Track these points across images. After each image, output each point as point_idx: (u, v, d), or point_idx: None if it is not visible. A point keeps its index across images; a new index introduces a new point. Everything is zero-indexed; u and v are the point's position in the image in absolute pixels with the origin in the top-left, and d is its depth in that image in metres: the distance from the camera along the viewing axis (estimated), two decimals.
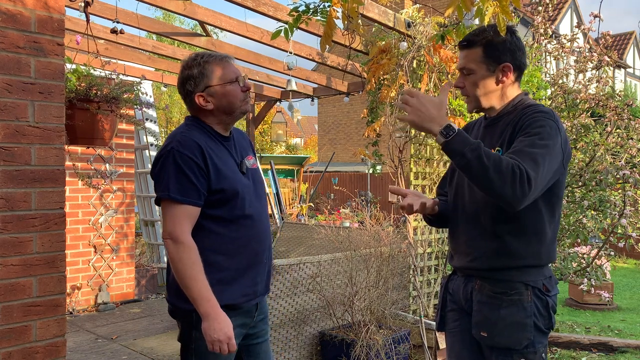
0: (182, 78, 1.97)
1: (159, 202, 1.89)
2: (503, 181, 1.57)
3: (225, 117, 1.98)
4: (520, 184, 1.57)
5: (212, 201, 1.88)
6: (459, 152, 1.63)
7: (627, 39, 24.41)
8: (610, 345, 4.52)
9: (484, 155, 1.60)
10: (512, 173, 1.57)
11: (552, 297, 1.81)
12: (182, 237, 1.82)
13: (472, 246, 1.87)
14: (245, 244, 1.94)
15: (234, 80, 1.96)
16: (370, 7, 3.80)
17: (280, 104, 7.50)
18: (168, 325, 5.00)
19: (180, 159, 1.83)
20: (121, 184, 5.79)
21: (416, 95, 1.70)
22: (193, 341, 1.91)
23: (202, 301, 1.79)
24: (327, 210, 9.90)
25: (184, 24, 18.23)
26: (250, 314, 2.02)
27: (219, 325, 1.79)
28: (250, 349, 2.09)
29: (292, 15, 2.29)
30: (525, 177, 1.57)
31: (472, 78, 1.88)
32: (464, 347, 1.94)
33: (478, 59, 1.85)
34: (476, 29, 1.90)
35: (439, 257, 4.42)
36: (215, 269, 1.88)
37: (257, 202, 2.01)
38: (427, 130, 1.70)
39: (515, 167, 1.58)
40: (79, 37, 3.70)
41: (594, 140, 4.27)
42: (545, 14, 4.52)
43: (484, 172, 1.59)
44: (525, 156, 1.62)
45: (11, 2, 1.86)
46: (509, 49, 1.85)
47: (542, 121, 1.72)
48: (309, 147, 35.20)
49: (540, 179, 1.62)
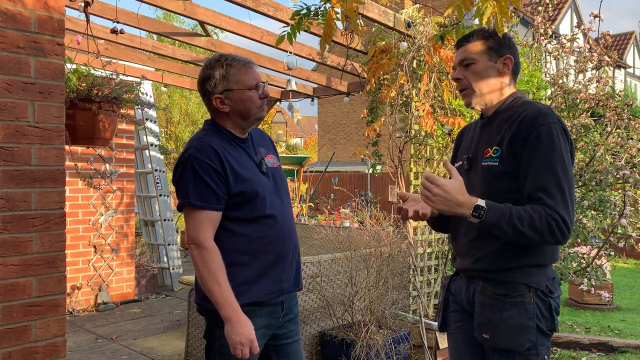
0: (202, 77, 1.99)
1: (180, 208, 1.93)
2: (543, 237, 1.66)
3: (241, 121, 2.00)
4: (560, 233, 1.65)
5: (233, 204, 1.91)
6: (496, 226, 1.68)
7: (627, 39, 24.41)
8: (610, 345, 4.51)
9: (518, 223, 1.65)
10: (548, 227, 1.64)
11: (554, 299, 1.80)
12: (205, 242, 1.85)
13: (474, 248, 1.87)
14: (269, 243, 1.97)
15: (253, 87, 1.98)
16: (370, 7, 3.80)
17: (280, 104, 7.49)
18: (168, 325, 5.00)
19: (197, 166, 1.86)
20: (121, 184, 5.79)
21: (438, 185, 1.70)
22: (217, 339, 1.95)
23: (224, 305, 1.83)
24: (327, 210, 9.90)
25: (184, 24, 18.23)
26: (276, 315, 2.03)
27: (241, 329, 1.82)
28: (279, 349, 2.09)
29: (294, 19, 2.29)
30: (562, 224, 1.65)
31: (474, 68, 1.87)
32: (466, 348, 1.94)
33: (480, 50, 1.86)
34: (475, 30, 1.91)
35: (439, 257, 4.42)
36: (240, 269, 1.92)
37: (278, 201, 2.03)
38: (457, 213, 1.72)
39: (550, 219, 1.64)
40: (79, 37, 3.70)
41: (594, 140, 4.27)
42: (545, 14, 4.52)
43: (523, 236, 1.67)
44: (552, 193, 1.66)
45: (11, 2, 1.86)
46: (507, 44, 1.87)
47: (548, 131, 1.70)
48: (309, 147, 35.21)
49: (572, 208, 1.69)
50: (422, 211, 1.89)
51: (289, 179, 14.25)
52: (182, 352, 4.19)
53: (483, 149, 1.85)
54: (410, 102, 4.17)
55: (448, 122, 3.99)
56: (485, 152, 1.83)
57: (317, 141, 26.04)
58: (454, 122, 3.95)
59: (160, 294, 6.27)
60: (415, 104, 4.10)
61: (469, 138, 1.99)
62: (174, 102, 20.42)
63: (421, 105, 4.02)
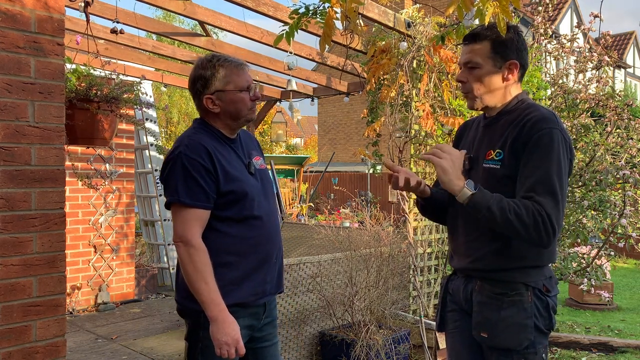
0: (194, 76, 1.98)
1: (169, 206, 1.91)
2: (527, 230, 1.64)
3: (231, 122, 1.99)
4: (545, 231, 1.64)
5: (221, 203, 1.90)
6: (485, 206, 1.67)
7: (627, 39, 24.41)
8: (610, 345, 4.51)
9: (507, 207, 1.65)
10: (534, 222, 1.63)
11: (552, 298, 1.80)
12: (193, 240, 1.84)
13: (472, 247, 1.87)
14: (256, 244, 1.96)
15: (245, 89, 1.97)
16: (370, 7, 3.80)
17: (280, 104, 7.49)
18: (168, 325, 5.00)
19: (188, 163, 1.85)
20: (121, 184, 5.79)
21: (450, 151, 1.76)
22: (200, 340, 1.93)
23: (211, 305, 1.81)
24: (327, 210, 9.90)
25: (184, 24, 18.22)
26: (258, 316, 2.02)
27: (228, 329, 1.80)
28: (257, 352, 2.08)
29: (292, 18, 2.29)
30: (548, 223, 1.63)
31: (478, 72, 1.85)
32: (464, 347, 1.94)
33: (485, 53, 1.83)
34: (485, 25, 1.87)
35: (439, 257, 4.42)
36: (227, 269, 1.90)
37: (265, 202, 2.02)
38: (453, 185, 1.72)
39: (537, 214, 1.63)
40: (79, 37, 3.70)
41: (594, 140, 4.27)
42: (545, 14, 4.52)
43: (509, 224, 1.65)
44: (543, 193, 1.66)
45: (11, 2, 1.86)
46: (516, 47, 1.84)
47: (549, 135, 1.71)
48: (309, 147, 35.21)
49: (561, 212, 1.68)
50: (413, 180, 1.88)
51: (289, 179, 14.24)
52: (182, 352, 4.19)
53: (485, 150, 1.85)
54: (410, 102, 4.17)
55: (448, 122, 3.99)
56: (488, 154, 1.83)
57: (317, 141, 26.05)
58: (454, 122, 3.95)
59: (160, 294, 6.27)
60: (415, 104, 4.10)
61: (471, 136, 1.99)
62: (174, 102, 20.41)
63: (421, 105, 4.01)
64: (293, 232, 5.42)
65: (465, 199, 1.70)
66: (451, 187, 1.72)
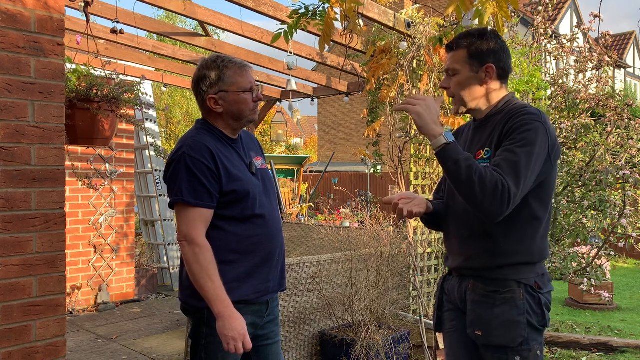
0: (198, 76, 2.01)
1: (172, 205, 1.94)
2: (485, 194, 1.64)
3: (234, 122, 2.03)
4: (501, 201, 1.64)
5: (224, 202, 1.93)
6: (455, 160, 1.68)
7: (627, 39, 24.41)
8: (610, 345, 4.51)
9: (474, 168, 1.66)
10: (494, 188, 1.64)
11: (545, 295, 1.82)
12: (197, 239, 1.87)
13: (465, 246, 1.90)
14: (258, 242, 1.99)
15: (247, 90, 2.00)
16: (370, 7, 3.80)
17: (280, 104, 7.49)
18: (168, 325, 5.00)
19: (191, 163, 1.88)
20: (121, 184, 5.79)
21: (424, 99, 1.77)
22: (203, 337, 1.95)
23: (216, 301, 1.83)
24: (327, 210, 9.90)
25: (186, 24, 18.23)
26: (261, 314, 2.05)
27: (234, 324, 1.83)
28: (260, 350, 2.09)
29: (292, 18, 2.29)
30: (506, 195, 1.64)
31: (457, 78, 1.91)
32: (461, 346, 1.96)
33: (462, 60, 1.89)
34: (461, 33, 1.93)
35: (439, 257, 4.43)
36: (231, 267, 1.93)
37: (267, 201, 2.05)
38: (430, 130, 1.73)
39: (499, 182, 1.64)
40: (79, 37, 3.70)
41: (594, 140, 4.28)
42: (545, 14, 4.52)
43: (471, 184, 1.65)
44: (508, 168, 1.67)
45: (11, 2, 1.86)
46: (492, 50, 1.87)
47: (529, 124, 1.73)
48: (309, 147, 35.23)
49: (521, 192, 1.68)
50: (416, 210, 1.90)
51: (289, 179, 14.25)
52: (182, 352, 4.19)
53: (475, 151, 1.89)
54: None
55: (448, 122, 3.99)
56: (478, 154, 1.87)
57: (317, 141, 26.05)
58: (453, 122, 3.95)
59: (160, 294, 6.27)
60: None
61: (463, 140, 2.02)
62: (175, 102, 20.43)
63: None
64: (293, 232, 5.42)
65: (438, 147, 1.72)
66: (427, 132, 1.74)
